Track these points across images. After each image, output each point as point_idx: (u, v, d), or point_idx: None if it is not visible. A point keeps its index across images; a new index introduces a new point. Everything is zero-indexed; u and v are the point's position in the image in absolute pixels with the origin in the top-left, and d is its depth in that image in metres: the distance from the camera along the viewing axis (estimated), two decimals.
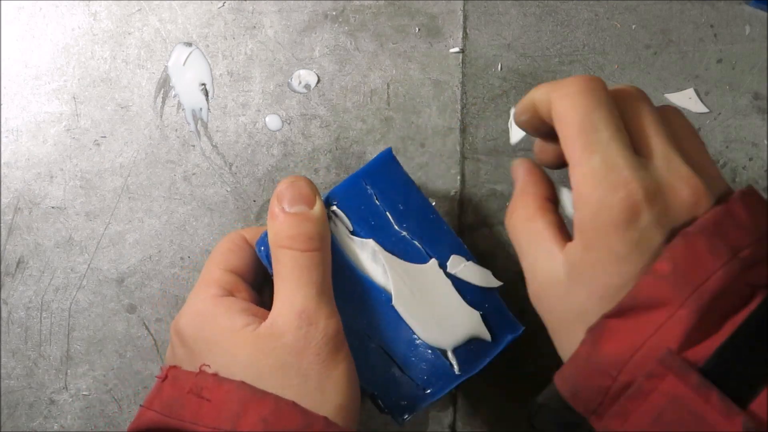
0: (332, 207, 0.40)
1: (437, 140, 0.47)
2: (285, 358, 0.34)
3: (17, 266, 0.47)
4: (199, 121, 0.47)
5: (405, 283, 0.39)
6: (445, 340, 0.40)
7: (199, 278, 0.39)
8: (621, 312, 0.31)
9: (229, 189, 0.47)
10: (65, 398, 0.46)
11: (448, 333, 0.40)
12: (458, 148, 0.47)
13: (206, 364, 0.35)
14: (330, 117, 0.48)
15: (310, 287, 0.36)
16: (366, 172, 0.40)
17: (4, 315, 0.46)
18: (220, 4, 0.48)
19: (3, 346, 0.46)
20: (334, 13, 0.48)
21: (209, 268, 0.39)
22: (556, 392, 0.33)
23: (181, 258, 0.47)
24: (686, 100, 0.47)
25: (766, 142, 0.47)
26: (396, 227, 0.40)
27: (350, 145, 0.47)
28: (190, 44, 0.48)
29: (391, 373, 0.40)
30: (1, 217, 0.47)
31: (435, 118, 0.47)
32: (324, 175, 0.47)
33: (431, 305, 0.39)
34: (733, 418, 0.28)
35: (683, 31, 0.48)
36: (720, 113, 0.48)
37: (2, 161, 0.47)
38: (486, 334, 0.40)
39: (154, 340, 0.46)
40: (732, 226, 0.31)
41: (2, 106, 0.47)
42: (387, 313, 0.39)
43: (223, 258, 0.39)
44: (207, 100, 0.48)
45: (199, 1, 0.48)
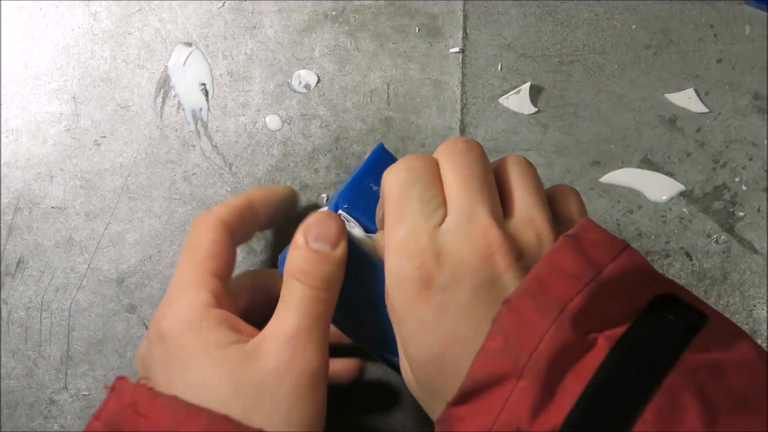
0: (341, 211, 0.40)
1: (437, 140, 0.47)
2: (263, 379, 0.34)
3: (17, 266, 0.47)
4: (199, 121, 0.47)
5: None
6: None
7: (183, 274, 0.38)
8: (464, 397, 0.30)
9: (229, 189, 0.47)
10: (65, 398, 0.46)
11: None
12: None
13: (145, 377, 0.35)
14: (330, 117, 0.47)
15: (307, 318, 0.35)
16: (367, 171, 0.40)
17: (4, 315, 0.46)
18: (220, 4, 0.48)
19: (3, 346, 0.46)
20: (334, 13, 0.48)
21: (196, 268, 0.38)
22: None
23: None
24: (686, 100, 0.47)
25: (766, 142, 0.47)
26: None
27: (350, 145, 0.47)
28: (190, 44, 0.48)
29: None
30: (1, 217, 0.47)
31: (435, 118, 0.47)
32: (324, 175, 0.47)
33: None
34: None
35: (683, 31, 0.48)
36: (720, 113, 0.48)
37: (2, 161, 0.47)
38: None
39: None
40: (556, 279, 0.29)
41: (2, 106, 0.47)
42: None
43: (210, 260, 0.38)
44: (207, 100, 0.48)
45: (199, 1, 0.48)
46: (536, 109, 0.47)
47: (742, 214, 0.47)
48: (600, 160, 0.47)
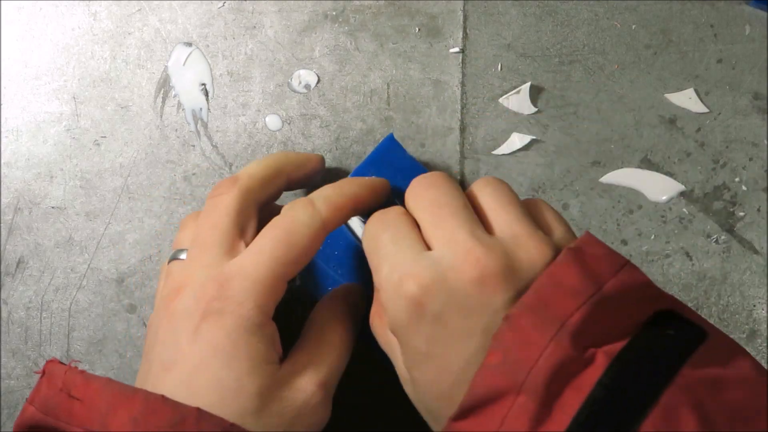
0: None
1: (437, 140, 0.47)
2: (286, 413, 0.34)
3: (17, 266, 0.47)
4: (199, 121, 0.47)
5: None
6: None
7: (257, 251, 0.35)
8: (464, 413, 0.30)
9: None
10: None
11: None
12: (458, 148, 0.47)
13: (76, 360, 0.35)
14: (330, 117, 0.48)
15: (337, 370, 0.36)
16: (371, 162, 0.40)
17: (4, 315, 0.46)
18: (220, 4, 0.48)
19: (3, 346, 0.46)
20: (334, 13, 0.48)
21: (274, 249, 0.35)
22: None
23: None
24: (686, 100, 0.47)
25: (766, 142, 0.47)
26: None
27: (350, 145, 0.47)
28: (190, 44, 0.48)
29: None
30: (1, 217, 0.47)
31: (435, 118, 0.47)
32: (324, 175, 0.47)
33: None
34: None
35: (683, 31, 0.48)
36: (720, 113, 0.48)
37: (2, 161, 0.47)
38: None
39: None
40: (556, 294, 0.29)
41: (2, 106, 0.47)
42: None
43: (289, 260, 0.35)
44: (207, 100, 0.48)
45: (199, 1, 0.48)
46: (536, 109, 0.47)
47: (742, 214, 0.47)
48: (600, 160, 0.47)
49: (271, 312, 0.35)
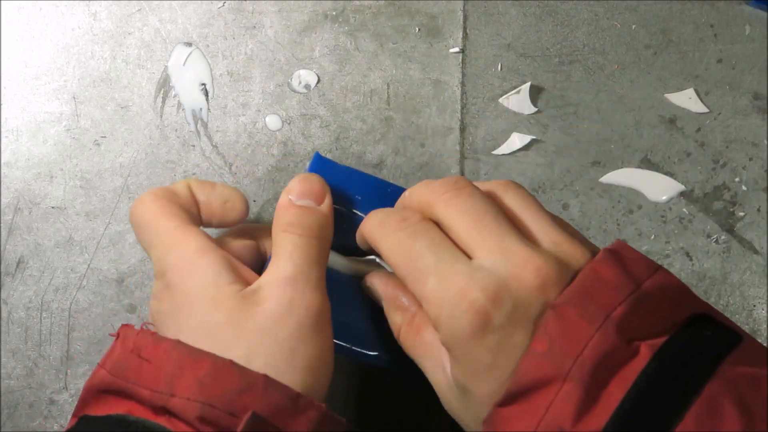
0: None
1: (437, 140, 0.47)
2: (264, 323, 0.33)
3: (17, 266, 0.47)
4: (199, 121, 0.47)
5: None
6: None
7: (170, 228, 0.37)
8: (510, 398, 0.30)
9: None
10: (65, 398, 0.46)
11: None
12: (458, 148, 0.47)
13: (149, 323, 0.35)
14: (330, 117, 0.48)
15: (302, 262, 0.35)
16: None
17: (4, 315, 0.46)
18: (220, 4, 0.48)
19: (3, 346, 0.46)
20: (334, 13, 0.48)
21: (182, 221, 0.37)
22: None
23: None
24: (686, 100, 0.47)
25: (766, 142, 0.47)
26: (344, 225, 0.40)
27: (350, 145, 0.47)
28: (190, 44, 0.48)
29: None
30: (1, 217, 0.47)
31: (435, 118, 0.47)
32: None
33: None
34: None
35: (683, 31, 0.48)
36: (720, 113, 0.48)
37: (2, 161, 0.47)
38: None
39: None
40: (600, 287, 0.30)
41: (2, 106, 0.47)
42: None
43: (189, 216, 0.38)
44: (207, 100, 0.48)
45: (199, 1, 0.48)
46: (536, 109, 0.47)
47: (742, 214, 0.47)
48: (600, 160, 0.47)
49: (213, 244, 0.36)
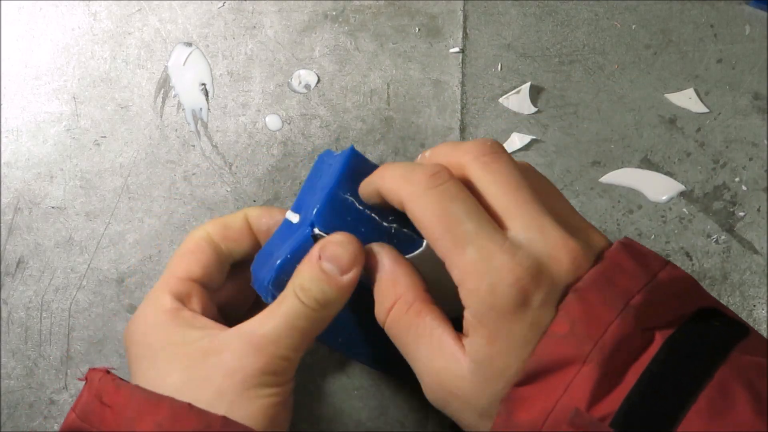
0: (316, 231, 0.38)
1: (437, 140, 0.47)
2: (213, 373, 0.33)
3: (17, 266, 0.47)
4: (199, 121, 0.47)
5: None
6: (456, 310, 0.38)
7: (158, 282, 0.39)
8: (529, 378, 0.31)
9: (229, 189, 0.47)
10: (65, 398, 0.46)
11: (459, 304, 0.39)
12: None
13: (112, 368, 0.35)
14: (330, 117, 0.48)
15: (285, 328, 0.35)
16: (340, 182, 0.38)
17: (4, 315, 0.46)
18: (220, 4, 0.48)
19: (3, 346, 0.46)
20: (334, 13, 0.48)
21: (166, 274, 0.38)
22: None
23: None
24: (686, 100, 0.48)
25: (766, 142, 0.47)
26: (384, 223, 0.39)
27: (350, 145, 0.47)
28: (190, 44, 0.48)
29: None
30: (1, 217, 0.47)
31: (435, 118, 0.47)
32: None
33: (438, 282, 0.38)
34: None
35: (683, 31, 0.48)
36: (720, 113, 0.48)
37: (2, 161, 0.47)
38: None
39: None
40: (620, 275, 0.31)
41: (2, 106, 0.47)
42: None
43: (182, 263, 0.38)
44: (207, 100, 0.48)
45: (199, 1, 0.48)
46: (536, 109, 0.47)
47: (742, 214, 0.47)
48: (600, 160, 0.47)
49: (176, 305, 0.36)
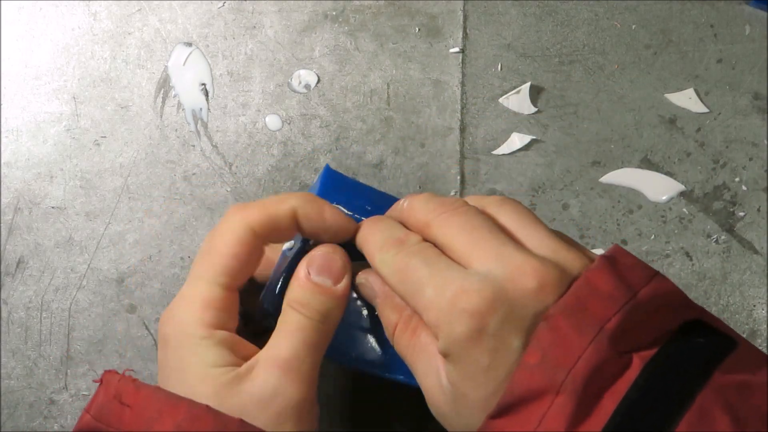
0: (310, 242, 0.39)
1: (437, 140, 0.47)
2: (246, 404, 0.34)
3: (17, 266, 0.47)
4: (199, 121, 0.47)
5: None
6: None
7: (198, 280, 0.37)
8: (503, 410, 0.30)
9: (229, 189, 0.47)
10: (65, 398, 0.46)
11: None
12: (458, 148, 0.47)
13: (130, 369, 0.36)
14: (330, 117, 0.48)
15: (300, 346, 0.35)
16: (323, 194, 0.39)
17: (4, 315, 0.46)
18: (220, 4, 0.48)
19: (3, 346, 0.46)
20: (334, 13, 0.48)
21: (211, 278, 0.37)
22: None
23: (181, 258, 0.47)
24: (686, 100, 0.48)
25: (766, 142, 0.47)
26: None
27: (350, 145, 0.47)
28: (190, 44, 0.48)
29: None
30: (1, 217, 0.47)
31: (435, 118, 0.47)
32: None
33: None
34: None
35: (683, 31, 0.48)
36: (720, 113, 0.48)
37: (2, 161, 0.47)
38: None
39: (154, 340, 0.46)
40: (594, 298, 0.30)
41: (2, 106, 0.47)
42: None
43: (226, 273, 0.37)
44: (207, 100, 0.48)
45: (199, 1, 0.48)
46: (536, 109, 0.47)
47: (742, 214, 0.47)
48: (600, 160, 0.47)
49: (216, 322, 0.36)
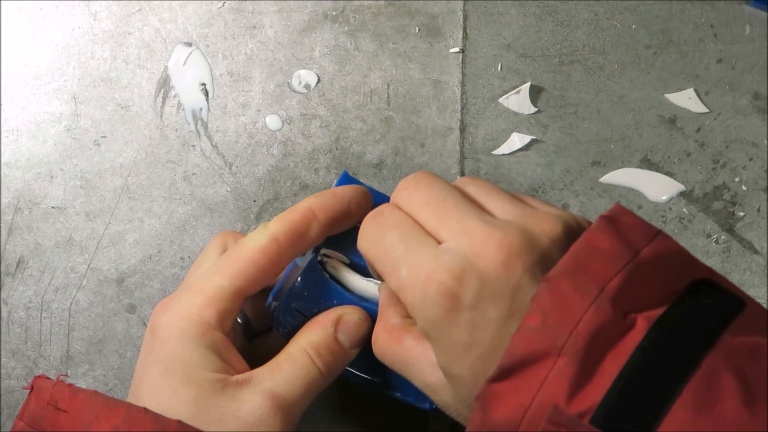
0: (321, 251, 0.39)
1: (437, 140, 0.47)
2: (228, 422, 0.34)
3: (17, 266, 0.47)
4: (199, 121, 0.47)
5: None
6: None
7: (208, 276, 0.37)
8: (503, 374, 0.30)
9: (229, 189, 0.47)
10: None
11: None
12: (458, 148, 0.47)
13: (64, 374, 0.36)
14: (330, 117, 0.48)
15: (300, 388, 0.36)
16: None
17: (4, 315, 0.46)
18: (220, 4, 0.48)
19: (3, 346, 0.46)
20: (334, 13, 0.48)
21: (221, 279, 0.37)
22: None
23: (181, 258, 0.47)
24: (686, 100, 0.48)
25: (766, 142, 0.47)
26: None
27: (350, 145, 0.47)
28: (190, 44, 0.48)
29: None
30: (1, 217, 0.47)
31: (435, 118, 0.47)
32: (324, 175, 0.47)
33: None
34: None
35: (683, 31, 0.48)
36: (720, 113, 0.48)
37: (2, 161, 0.47)
38: None
39: None
40: (594, 259, 0.30)
41: (2, 106, 0.47)
42: None
43: (241, 278, 0.37)
44: (207, 100, 0.48)
45: (199, 1, 0.48)
46: (536, 109, 0.47)
47: (742, 214, 0.47)
48: (600, 160, 0.47)
49: (213, 323, 0.36)
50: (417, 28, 0.48)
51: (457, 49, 0.48)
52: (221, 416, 0.34)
